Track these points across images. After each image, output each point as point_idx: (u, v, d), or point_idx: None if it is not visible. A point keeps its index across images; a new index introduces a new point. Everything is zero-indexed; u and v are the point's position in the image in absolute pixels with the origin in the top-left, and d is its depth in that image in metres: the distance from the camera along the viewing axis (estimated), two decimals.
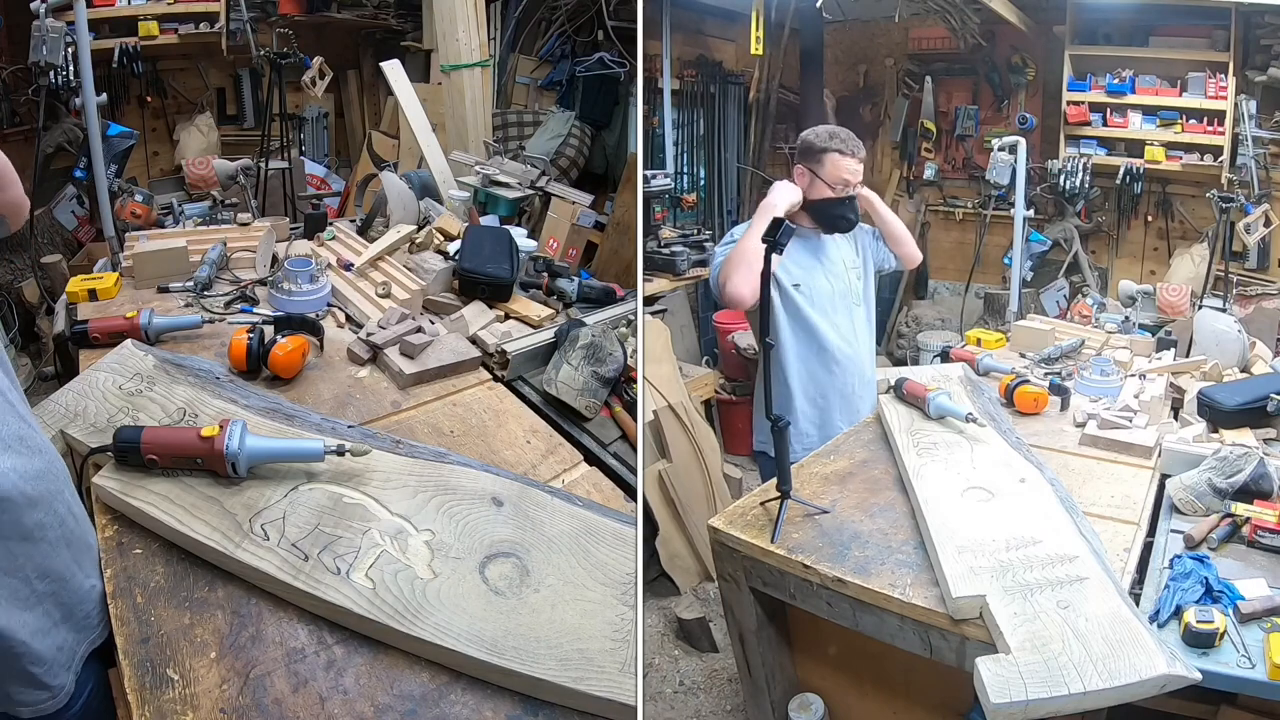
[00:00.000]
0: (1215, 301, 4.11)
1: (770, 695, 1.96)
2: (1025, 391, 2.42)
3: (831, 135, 2.31)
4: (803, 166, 2.33)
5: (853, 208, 2.37)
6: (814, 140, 2.32)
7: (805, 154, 2.33)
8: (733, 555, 1.81)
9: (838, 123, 5.30)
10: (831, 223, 2.37)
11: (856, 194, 2.35)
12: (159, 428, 1.48)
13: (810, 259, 2.39)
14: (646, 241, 3.80)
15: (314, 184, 5.27)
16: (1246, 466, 1.85)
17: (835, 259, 2.44)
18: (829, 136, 2.31)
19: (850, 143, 2.31)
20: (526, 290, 2.67)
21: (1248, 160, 4.30)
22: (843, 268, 2.44)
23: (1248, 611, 1.49)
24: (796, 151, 2.37)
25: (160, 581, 1.27)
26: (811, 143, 2.32)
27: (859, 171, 2.33)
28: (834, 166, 2.29)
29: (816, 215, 2.37)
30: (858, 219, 2.42)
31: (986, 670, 1.29)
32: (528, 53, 4.93)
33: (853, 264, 2.47)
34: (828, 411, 2.43)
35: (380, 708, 1.13)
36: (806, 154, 2.33)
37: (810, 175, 2.32)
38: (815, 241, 2.41)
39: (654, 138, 4.70)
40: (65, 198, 4.45)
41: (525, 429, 1.95)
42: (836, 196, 2.31)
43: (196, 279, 2.38)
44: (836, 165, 2.29)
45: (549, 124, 4.52)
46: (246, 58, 5.06)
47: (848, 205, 2.35)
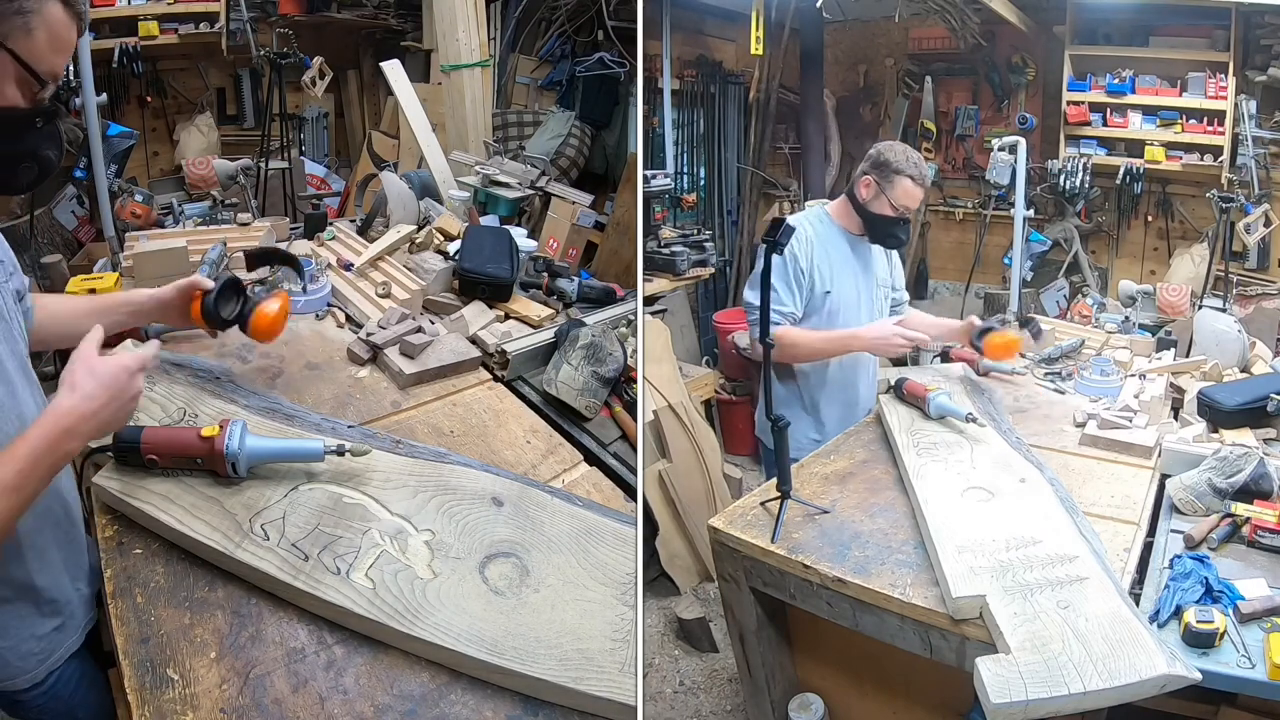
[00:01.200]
0: (1215, 301, 4.10)
1: (770, 695, 1.96)
2: (994, 338, 2.37)
3: (909, 159, 2.30)
4: (872, 179, 2.32)
5: (906, 229, 2.40)
6: (892, 159, 2.30)
7: (879, 168, 2.32)
8: (733, 555, 1.81)
9: (838, 123, 5.36)
10: (883, 239, 2.41)
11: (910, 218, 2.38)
12: (159, 428, 1.48)
13: (846, 264, 2.40)
14: (646, 241, 3.80)
15: (314, 184, 5.27)
16: (1246, 466, 1.85)
17: (871, 270, 2.47)
18: (906, 160, 2.30)
19: (922, 170, 2.32)
20: (526, 290, 2.67)
21: (1248, 160, 4.30)
22: (874, 281, 2.48)
23: (1248, 611, 1.49)
24: (869, 160, 2.36)
25: (160, 581, 1.27)
26: (889, 160, 2.31)
27: (921, 199, 2.38)
28: (904, 192, 2.30)
29: (870, 227, 2.38)
30: (907, 238, 2.46)
31: (986, 670, 1.29)
32: (528, 53, 4.93)
33: (884, 280, 2.51)
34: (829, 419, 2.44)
35: (380, 708, 1.13)
36: (881, 169, 2.31)
37: (877, 189, 2.31)
38: (860, 248, 2.43)
39: (654, 138, 4.70)
40: (65, 198, 4.45)
41: (525, 429, 1.95)
42: (895, 216, 2.33)
43: None
44: (908, 192, 2.30)
45: (549, 124, 4.52)
46: (246, 58, 5.07)
47: (903, 226, 2.37)
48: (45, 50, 1.20)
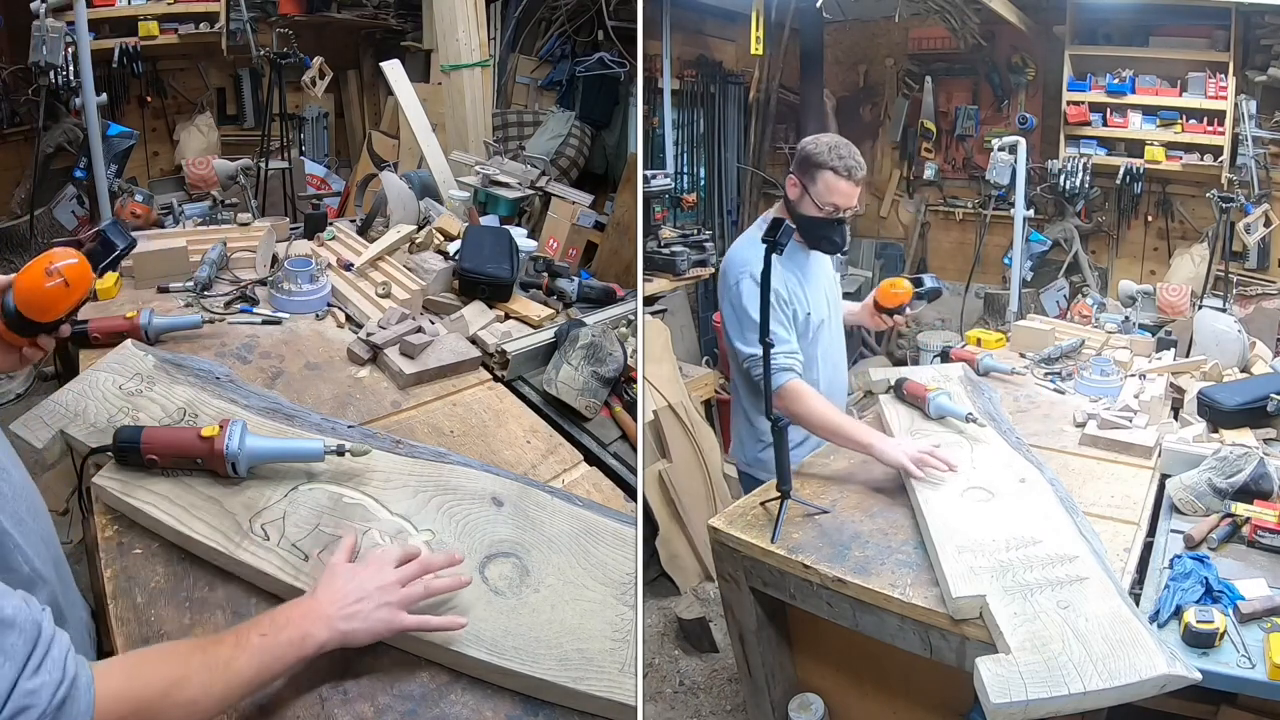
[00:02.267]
0: (1215, 301, 4.11)
1: (770, 695, 1.96)
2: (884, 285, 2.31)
3: (831, 150, 2.05)
4: (795, 177, 2.11)
5: (840, 231, 2.14)
6: (812, 152, 2.07)
7: (801, 164, 2.10)
8: (733, 555, 1.81)
9: (838, 123, 5.36)
10: (817, 243, 2.17)
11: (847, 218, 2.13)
12: (159, 428, 1.48)
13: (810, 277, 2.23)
14: (646, 241, 3.80)
15: (314, 184, 5.27)
16: (1246, 466, 1.85)
17: (830, 275, 2.33)
18: (828, 151, 2.05)
19: (848, 162, 2.05)
20: (526, 290, 2.67)
21: (1248, 160, 4.30)
22: (835, 284, 2.36)
23: (1248, 611, 1.49)
24: (794, 157, 2.15)
25: (160, 581, 1.27)
26: (810, 154, 2.08)
27: (853, 196, 2.08)
28: (827, 187, 2.05)
29: (803, 231, 2.15)
30: (845, 243, 2.21)
31: (986, 670, 1.29)
32: (528, 53, 4.93)
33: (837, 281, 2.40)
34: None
35: (380, 708, 1.13)
36: (802, 165, 2.09)
37: (801, 188, 2.10)
38: (814, 255, 2.25)
39: (654, 138, 4.70)
40: (65, 198, 4.45)
41: (525, 429, 1.95)
42: (823, 217, 2.09)
43: (196, 279, 2.38)
44: (831, 187, 2.05)
45: (549, 124, 4.53)
46: (246, 58, 5.07)
47: (836, 228, 2.12)
48: None
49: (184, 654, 0.98)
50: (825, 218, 2.09)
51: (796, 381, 2.04)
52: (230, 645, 1.01)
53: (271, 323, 2.22)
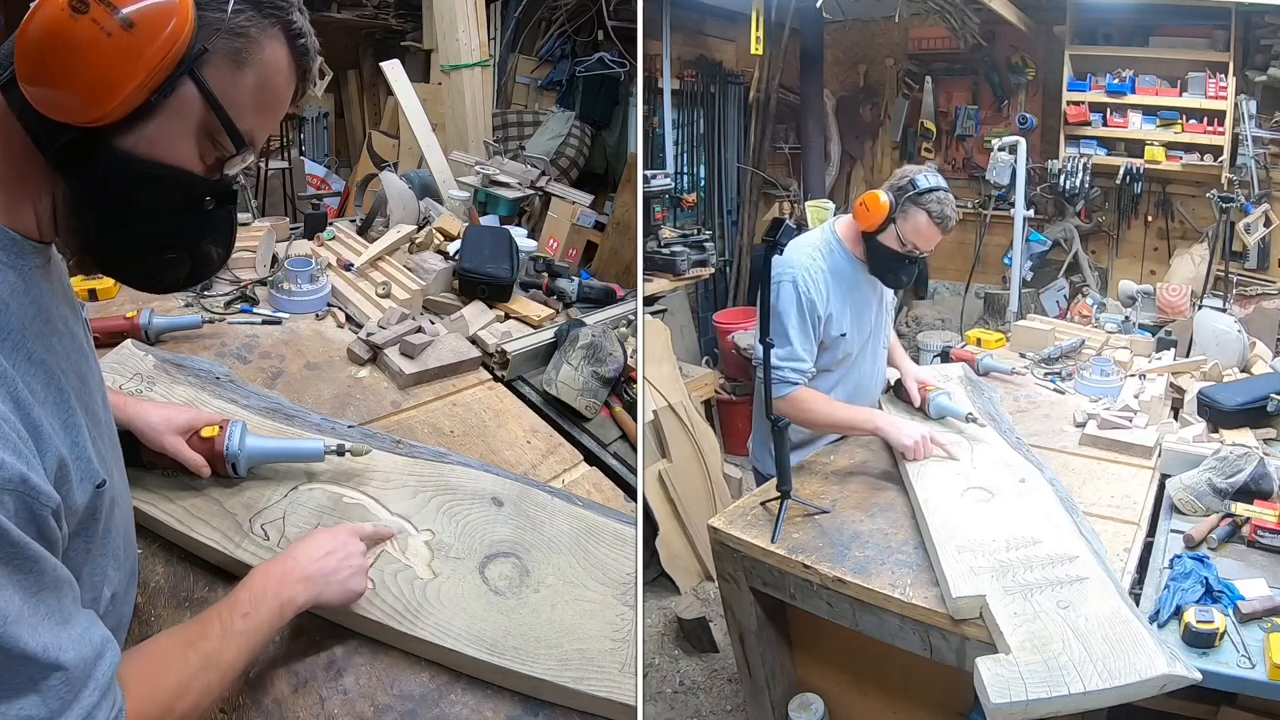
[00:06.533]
0: (1215, 301, 4.11)
1: (770, 695, 1.96)
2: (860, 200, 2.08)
3: (935, 195, 1.97)
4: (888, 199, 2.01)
5: (910, 270, 2.08)
6: (918, 189, 1.97)
7: (898, 193, 2.00)
8: (733, 555, 1.82)
9: (838, 123, 5.36)
10: (882, 275, 2.11)
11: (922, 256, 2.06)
12: None
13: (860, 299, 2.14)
14: (646, 241, 3.80)
15: (314, 184, 5.27)
16: (1246, 466, 1.85)
17: (882, 301, 2.24)
18: (931, 195, 1.96)
19: (945, 211, 1.98)
20: (526, 290, 2.67)
21: (1248, 160, 4.30)
22: (884, 310, 2.26)
23: (1248, 611, 1.49)
24: (892, 179, 2.05)
25: (160, 581, 1.27)
26: (914, 192, 1.97)
27: (934, 243, 2.02)
28: (915, 229, 1.99)
29: (871, 257, 2.08)
30: (910, 281, 2.15)
31: (987, 670, 1.30)
32: (528, 53, 4.93)
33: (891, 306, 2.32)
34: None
35: (380, 708, 1.13)
36: (899, 194, 1.99)
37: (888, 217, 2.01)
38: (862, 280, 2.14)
39: (654, 138, 4.70)
40: None
41: (525, 429, 1.95)
42: (900, 253, 2.03)
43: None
44: (919, 229, 1.98)
45: (549, 124, 4.53)
46: None
47: (907, 267, 2.07)
48: (250, 101, 0.90)
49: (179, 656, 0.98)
50: (901, 254, 2.04)
51: (803, 389, 2.04)
52: (217, 637, 1.00)
53: (271, 323, 2.22)
